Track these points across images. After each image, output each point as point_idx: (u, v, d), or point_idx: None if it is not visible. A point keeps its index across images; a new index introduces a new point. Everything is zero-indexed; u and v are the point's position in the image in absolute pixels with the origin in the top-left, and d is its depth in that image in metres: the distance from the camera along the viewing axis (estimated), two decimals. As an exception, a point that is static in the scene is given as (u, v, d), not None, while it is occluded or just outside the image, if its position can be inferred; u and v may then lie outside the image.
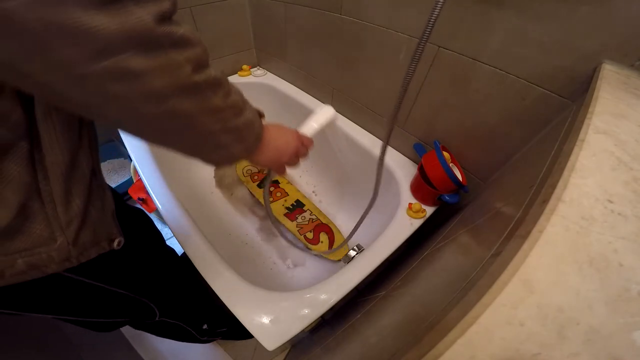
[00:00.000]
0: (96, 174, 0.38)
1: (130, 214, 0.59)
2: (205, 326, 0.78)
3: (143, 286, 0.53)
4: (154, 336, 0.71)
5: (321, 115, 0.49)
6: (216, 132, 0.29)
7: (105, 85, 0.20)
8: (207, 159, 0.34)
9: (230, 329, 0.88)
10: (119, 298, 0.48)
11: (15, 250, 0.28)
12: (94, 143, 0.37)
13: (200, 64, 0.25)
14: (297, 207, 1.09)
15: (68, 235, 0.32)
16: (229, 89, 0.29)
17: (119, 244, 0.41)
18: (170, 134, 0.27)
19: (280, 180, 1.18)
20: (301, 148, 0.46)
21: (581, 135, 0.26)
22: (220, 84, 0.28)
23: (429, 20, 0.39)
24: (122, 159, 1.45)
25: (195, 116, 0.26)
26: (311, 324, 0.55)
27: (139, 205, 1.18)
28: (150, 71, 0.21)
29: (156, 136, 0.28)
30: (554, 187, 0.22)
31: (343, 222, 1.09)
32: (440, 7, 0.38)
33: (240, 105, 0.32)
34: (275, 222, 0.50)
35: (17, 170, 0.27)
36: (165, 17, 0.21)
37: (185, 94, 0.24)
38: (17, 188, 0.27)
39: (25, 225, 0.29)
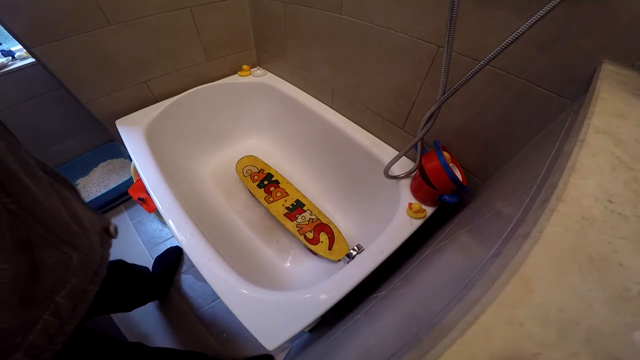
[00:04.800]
0: None
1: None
2: None
3: None
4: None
5: None
6: None
7: None
8: None
9: None
10: None
11: None
12: None
13: None
14: (297, 207, 1.09)
15: None
16: None
17: None
18: None
19: (280, 180, 1.18)
20: None
21: (581, 135, 0.26)
22: None
23: (450, 23, 0.39)
24: (122, 159, 1.44)
25: None
26: (311, 324, 0.55)
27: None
28: None
29: None
30: (554, 187, 0.22)
31: (343, 222, 1.09)
32: (457, 11, 0.38)
33: None
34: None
35: None
36: None
37: None
38: None
39: None
